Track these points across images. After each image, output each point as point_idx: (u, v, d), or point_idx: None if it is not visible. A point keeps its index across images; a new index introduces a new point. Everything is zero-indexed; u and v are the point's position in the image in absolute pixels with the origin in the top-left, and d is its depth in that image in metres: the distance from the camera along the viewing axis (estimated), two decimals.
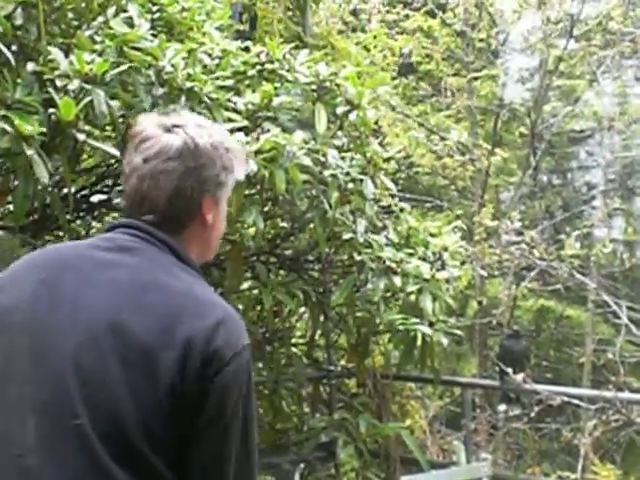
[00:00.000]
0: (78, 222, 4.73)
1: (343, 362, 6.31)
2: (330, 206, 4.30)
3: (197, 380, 1.57)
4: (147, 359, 1.56)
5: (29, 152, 3.20)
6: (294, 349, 5.82)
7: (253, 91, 4.21)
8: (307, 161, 4.02)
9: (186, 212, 1.76)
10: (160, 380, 1.55)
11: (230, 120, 4.02)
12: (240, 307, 4.86)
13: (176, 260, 1.73)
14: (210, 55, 4.24)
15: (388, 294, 4.86)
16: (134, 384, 1.55)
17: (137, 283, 1.65)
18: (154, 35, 3.88)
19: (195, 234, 1.79)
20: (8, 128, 3.22)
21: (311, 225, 4.54)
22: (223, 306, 1.69)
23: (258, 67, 4.33)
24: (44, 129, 3.27)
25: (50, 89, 3.47)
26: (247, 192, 3.99)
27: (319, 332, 6.00)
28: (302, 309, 5.47)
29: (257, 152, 3.80)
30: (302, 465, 6.07)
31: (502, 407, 6.21)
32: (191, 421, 1.58)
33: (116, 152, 3.50)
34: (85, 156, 4.38)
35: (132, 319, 1.59)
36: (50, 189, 3.64)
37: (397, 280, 4.64)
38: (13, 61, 3.47)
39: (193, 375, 1.56)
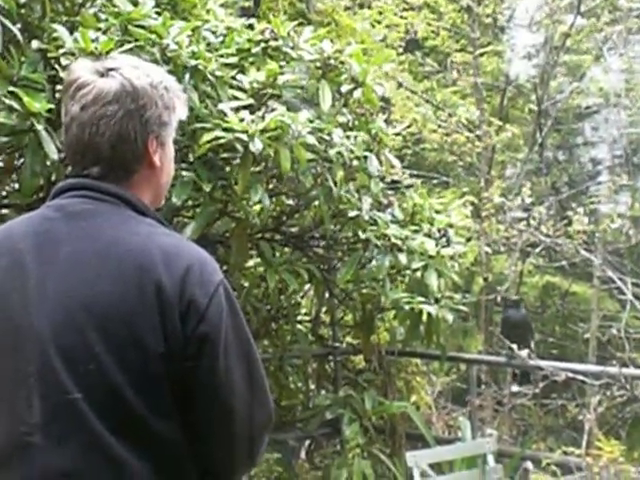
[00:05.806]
0: None
1: (348, 339, 6.33)
2: (335, 184, 4.30)
3: (182, 337, 1.57)
4: (127, 326, 1.56)
5: (39, 127, 3.21)
6: (299, 326, 5.83)
7: (258, 69, 4.19)
8: (312, 140, 4.02)
9: (132, 156, 1.70)
10: (146, 345, 1.55)
11: (235, 98, 4.02)
12: (245, 284, 4.88)
13: (132, 212, 1.69)
14: (214, 33, 4.23)
15: (393, 271, 4.87)
16: (121, 353, 1.55)
17: (99, 251, 1.61)
18: (158, 13, 3.87)
19: (144, 179, 1.74)
20: (16, 105, 3.23)
21: (316, 202, 4.54)
22: (187, 251, 1.66)
23: (262, 44, 4.31)
24: (52, 105, 3.27)
25: (55, 66, 3.47)
26: (252, 170, 3.99)
27: (324, 309, 6.03)
28: (307, 286, 5.47)
29: (262, 131, 3.79)
30: (308, 442, 6.13)
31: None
32: (188, 374, 1.59)
33: None
34: None
35: (103, 290, 1.57)
36: (56, 166, 3.65)
37: (402, 257, 4.64)
38: (21, 38, 3.47)
39: (176, 334, 1.56)
